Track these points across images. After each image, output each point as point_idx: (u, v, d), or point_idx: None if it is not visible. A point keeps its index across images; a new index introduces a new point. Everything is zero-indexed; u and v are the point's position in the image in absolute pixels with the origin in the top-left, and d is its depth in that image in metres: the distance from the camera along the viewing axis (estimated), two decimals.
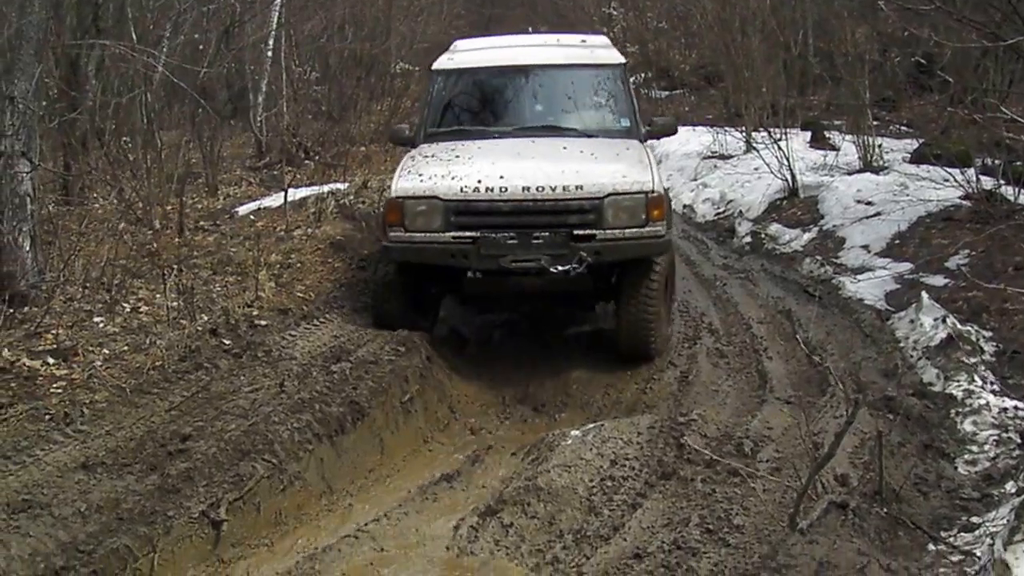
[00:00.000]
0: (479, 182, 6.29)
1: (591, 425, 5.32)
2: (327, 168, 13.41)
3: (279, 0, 14.36)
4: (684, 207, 12.20)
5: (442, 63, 7.91)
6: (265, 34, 14.49)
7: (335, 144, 14.63)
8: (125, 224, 8.56)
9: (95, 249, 7.47)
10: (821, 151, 12.55)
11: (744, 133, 13.66)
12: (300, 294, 7.22)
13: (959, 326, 6.38)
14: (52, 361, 5.48)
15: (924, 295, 6.91)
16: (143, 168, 9.83)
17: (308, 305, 7.03)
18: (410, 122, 9.11)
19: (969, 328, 6.42)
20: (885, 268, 8.16)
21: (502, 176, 6.30)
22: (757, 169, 11.89)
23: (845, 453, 4.70)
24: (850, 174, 11.00)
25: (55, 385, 5.21)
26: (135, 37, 11.08)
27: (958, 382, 5.79)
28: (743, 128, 13.74)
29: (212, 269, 7.77)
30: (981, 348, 6.23)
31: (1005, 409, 5.43)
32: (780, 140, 11.19)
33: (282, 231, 8.97)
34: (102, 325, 6.21)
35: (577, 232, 6.20)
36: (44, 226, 7.17)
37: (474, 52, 8.20)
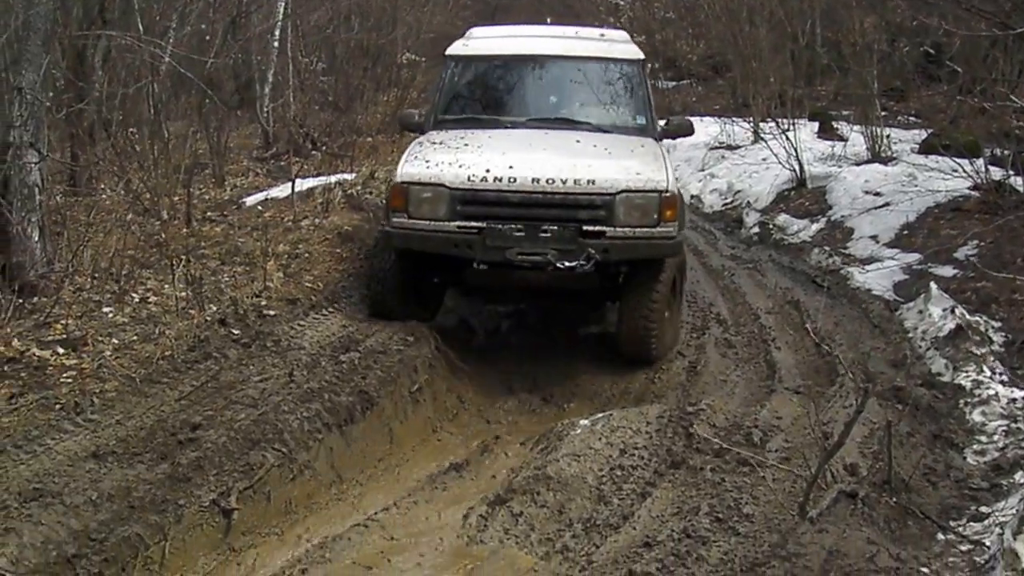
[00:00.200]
0: (487, 171, 6.13)
1: (600, 415, 5.33)
2: (334, 158, 13.41)
3: None
4: (692, 197, 12.19)
5: (456, 49, 7.74)
6: (271, 24, 14.47)
7: (342, 135, 14.62)
8: (133, 215, 8.55)
9: (103, 239, 7.47)
10: (829, 141, 12.55)
11: (752, 123, 13.64)
12: (308, 284, 7.21)
13: (968, 316, 6.37)
14: (62, 351, 5.48)
15: (933, 285, 6.90)
16: (150, 159, 9.82)
17: (316, 295, 7.02)
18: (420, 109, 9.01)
19: (978, 318, 6.41)
20: (893, 259, 8.16)
21: (512, 166, 6.14)
22: (765, 159, 11.88)
23: (854, 443, 4.71)
24: (858, 164, 10.99)
25: (65, 375, 5.21)
26: (141, 28, 11.09)
27: (967, 372, 5.79)
28: (751, 118, 13.72)
29: (220, 259, 7.76)
30: (990, 338, 6.22)
31: (1014, 399, 5.43)
32: (788, 130, 11.18)
33: (290, 221, 8.96)
34: (111, 315, 6.21)
35: (586, 228, 6.06)
36: (52, 216, 7.18)
37: (490, 40, 8.06)
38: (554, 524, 4.34)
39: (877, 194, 9.65)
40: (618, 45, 7.87)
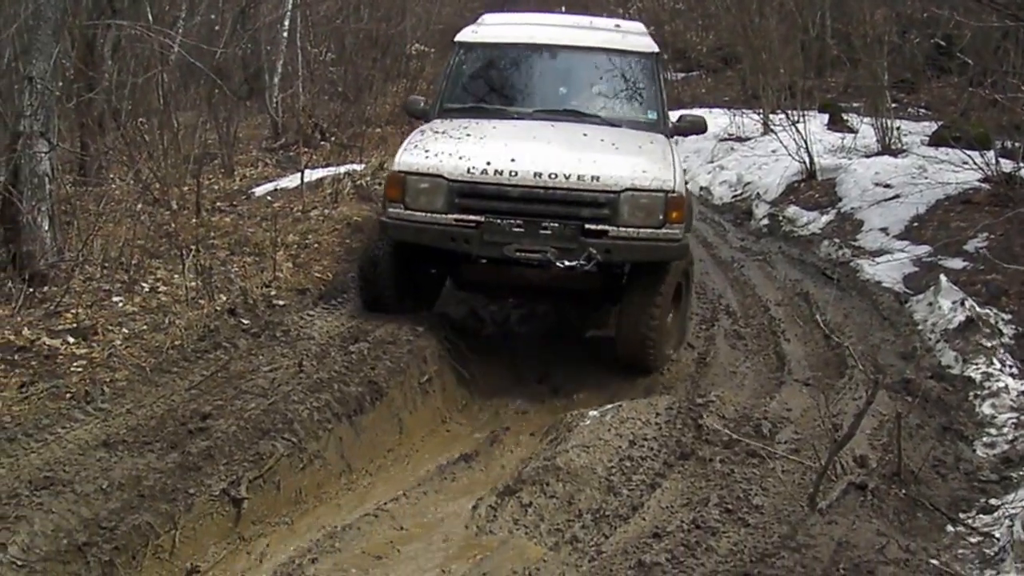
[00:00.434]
0: (488, 163, 5.88)
1: (609, 406, 5.30)
2: (343, 149, 13.43)
3: None
4: (701, 189, 12.19)
5: (466, 35, 7.42)
6: (280, 15, 14.50)
7: (351, 125, 14.64)
8: (143, 204, 8.56)
9: (113, 229, 7.49)
10: (839, 133, 12.52)
11: (761, 115, 13.61)
12: (317, 274, 7.23)
13: (978, 309, 6.36)
14: (72, 340, 5.50)
15: (942, 278, 6.89)
16: (160, 148, 9.83)
17: (326, 285, 7.03)
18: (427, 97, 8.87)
19: (988, 311, 6.40)
20: (903, 251, 8.14)
21: (513, 159, 5.89)
22: (774, 151, 11.86)
23: (864, 435, 4.70)
24: (868, 156, 10.97)
25: (75, 364, 5.23)
26: (151, 17, 11.12)
27: (976, 365, 5.79)
28: (760, 110, 13.69)
29: (230, 249, 7.79)
30: (1000, 331, 6.22)
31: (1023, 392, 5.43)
32: (798, 122, 11.15)
33: (299, 212, 8.98)
34: (121, 305, 6.23)
35: (588, 226, 5.81)
36: (62, 206, 7.20)
37: (501, 27, 7.76)
38: (563, 515, 4.35)
39: (887, 186, 9.62)
40: (633, 37, 7.57)
